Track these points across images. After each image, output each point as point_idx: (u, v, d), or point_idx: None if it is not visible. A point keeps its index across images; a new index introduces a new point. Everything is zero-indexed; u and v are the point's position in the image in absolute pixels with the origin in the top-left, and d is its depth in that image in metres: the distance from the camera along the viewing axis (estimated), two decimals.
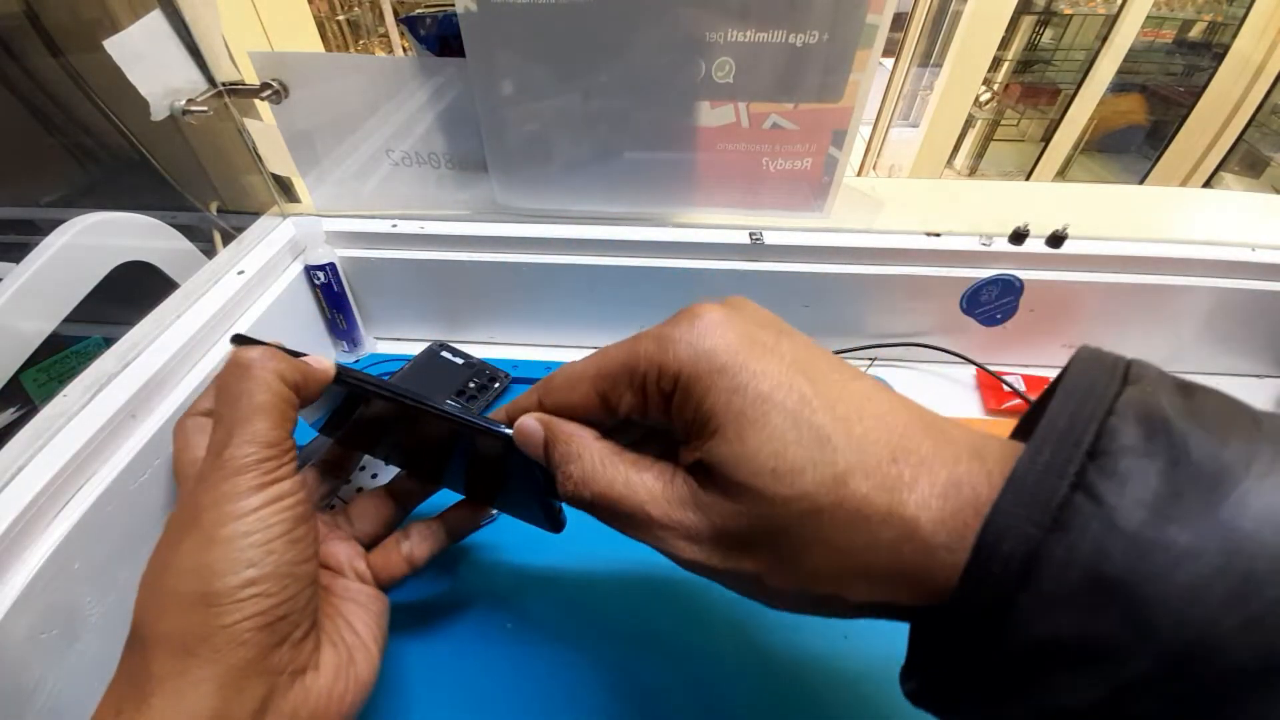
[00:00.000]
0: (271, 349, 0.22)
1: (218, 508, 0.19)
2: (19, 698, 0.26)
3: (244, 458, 0.20)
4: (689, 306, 0.19)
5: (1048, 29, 2.64)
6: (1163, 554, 0.12)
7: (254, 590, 0.18)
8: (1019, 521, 0.13)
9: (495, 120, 0.44)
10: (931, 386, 0.50)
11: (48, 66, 0.56)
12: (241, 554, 0.18)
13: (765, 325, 0.19)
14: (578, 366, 0.21)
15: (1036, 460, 0.14)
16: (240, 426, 0.20)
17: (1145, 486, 0.12)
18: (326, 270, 0.47)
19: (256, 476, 0.20)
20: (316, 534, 0.22)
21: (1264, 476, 0.12)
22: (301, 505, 0.21)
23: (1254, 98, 2.07)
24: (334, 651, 0.22)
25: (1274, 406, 0.48)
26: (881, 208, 0.52)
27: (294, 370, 0.22)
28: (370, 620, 0.25)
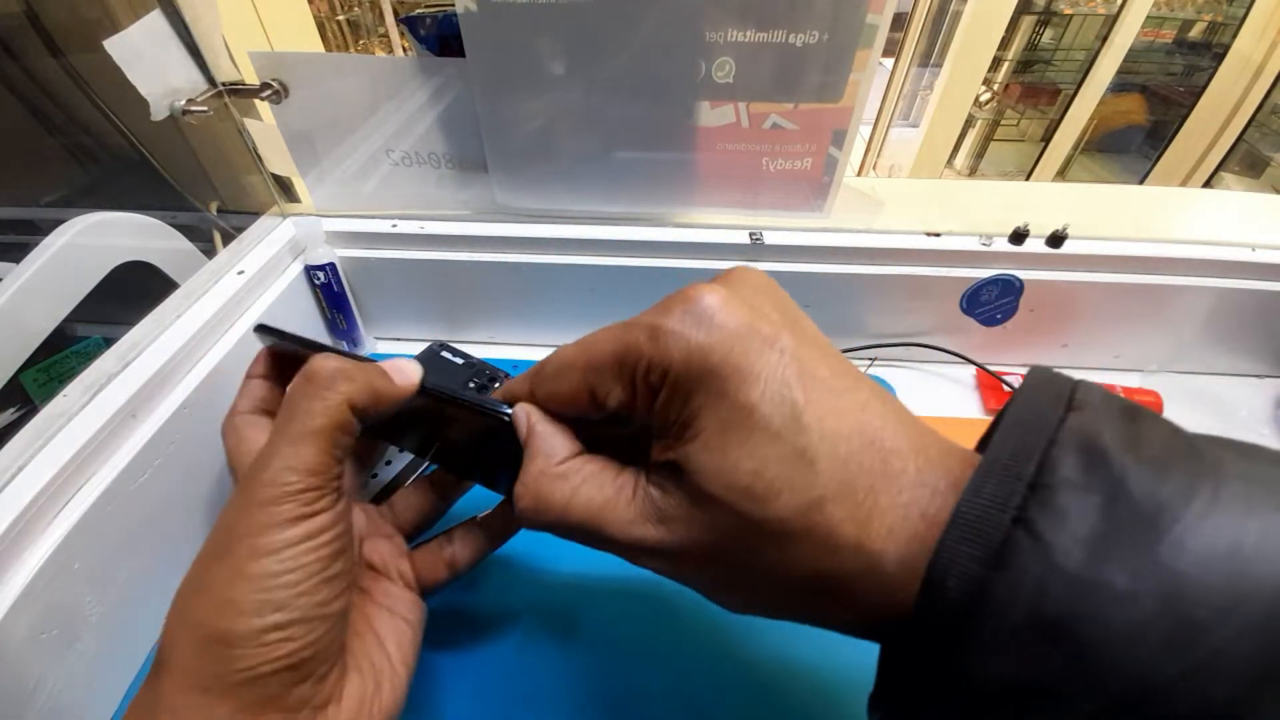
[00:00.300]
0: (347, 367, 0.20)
1: (250, 539, 0.18)
2: (19, 698, 0.26)
3: (284, 485, 0.18)
4: (684, 289, 0.17)
5: (1048, 29, 2.64)
6: (1101, 595, 0.12)
7: (279, 635, 0.17)
8: (963, 559, 0.13)
9: (495, 120, 0.44)
10: (931, 386, 0.50)
11: (48, 66, 0.56)
12: (269, 595, 0.17)
13: (765, 312, 0.17)
14: (569, 353, 0.20)
15: (980, 493, 0.13)
16: (287, 448, 0.18)
17: (1084, 523, 0.12)
18: (326, 270, 0.47)
19: (295, 508, 0.18)
20: (353, 565, 0.20)
21: (1203, 516, 0.12)
22: (340, 539, 0.19)
23: (1254, 98, 2.07)
24: (359, 680, 0.20)
25: (1274, 407, 0.48)
26: (881, 208, 0.52)
27: (367, 393, 0.20)
28: (404, 637, 0.23)
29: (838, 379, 0.16)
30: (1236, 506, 0.12)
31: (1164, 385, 0.47)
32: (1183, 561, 0.11)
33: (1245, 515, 0.12)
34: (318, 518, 0.18)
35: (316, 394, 0.19)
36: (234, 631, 0.17)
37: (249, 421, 0.25)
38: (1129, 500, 0.12)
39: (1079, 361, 0.51)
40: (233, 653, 0.17)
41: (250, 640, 0.17)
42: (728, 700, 0.30)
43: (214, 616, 0.17)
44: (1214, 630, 0.11)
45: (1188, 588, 0.11)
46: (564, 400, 0.20)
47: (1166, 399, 0.45)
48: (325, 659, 0.19)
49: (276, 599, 0.17)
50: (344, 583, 0.19)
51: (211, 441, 0.38)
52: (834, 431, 0.15)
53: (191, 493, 0.36)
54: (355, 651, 0.21)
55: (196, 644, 0.17)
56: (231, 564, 0.17)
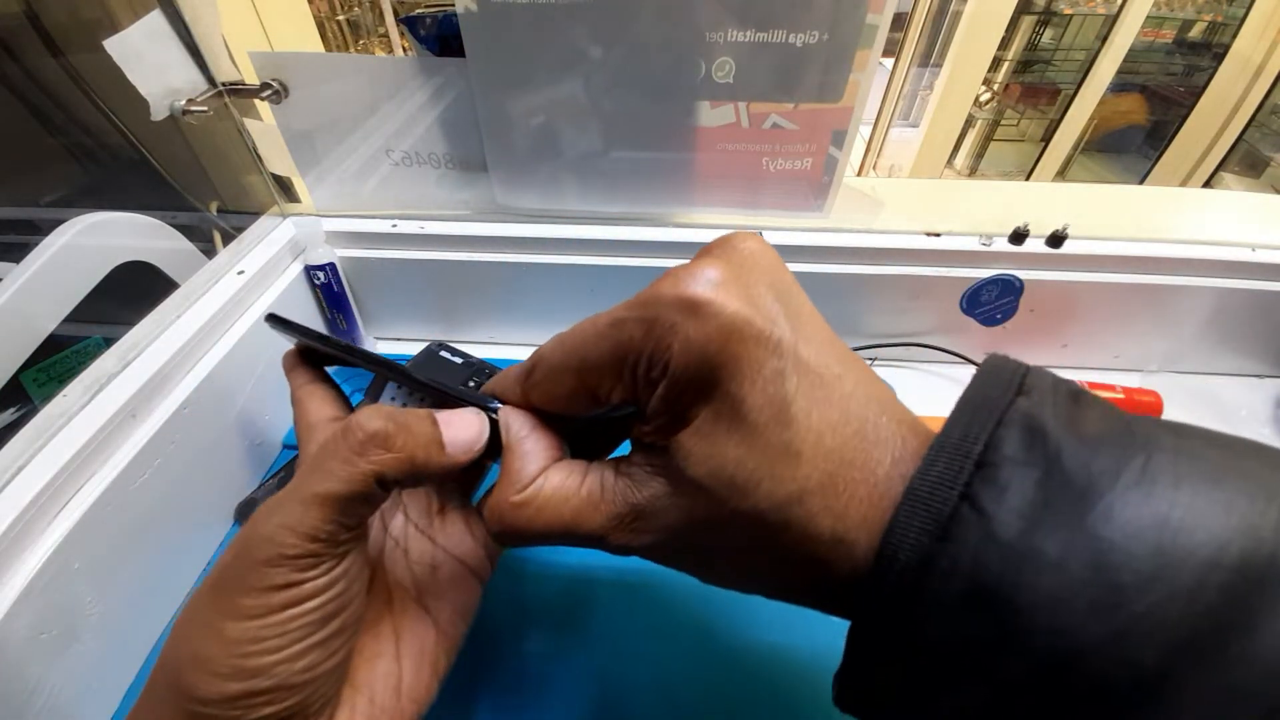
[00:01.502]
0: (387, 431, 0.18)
1: (234, 596, 0.16)
2: (19, 698, 0.26)
3: (279, 547, 0.16)
4: (679, 269, 0.16)
5: (1048, 29, 2.64)
6: (1033, 562, 0.12)
7: (254, 700, 0.16)
8: (914, 532, 0.13)
9: (495, 120, 0.44)
10: (931, 386, 0.50)
11: (48, 66, 0.56)
12: (244, 661, 0.16)
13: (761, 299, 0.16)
14: (558, 355, 0.18)
15: (929, 472, 0.14)
16: (294, 507, 0.17)
17: (1022, 496, 0.13)
18: (326, 270, 0.47)
19: (287, 573, 0.16)
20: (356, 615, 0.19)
21: (1131, 487, 0.12)
22: (339, 599, 0.17)
23: (1254, 98, 2.07)
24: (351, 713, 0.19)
25: (1274, 407, 0.48)
26: (881, 208, 0.52)
27: (404, 467, 0.18)
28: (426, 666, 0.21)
29: (829, 368, 0.16)
30: (1165, 479, 0.12)
31: (1164, 385, 0.47)
32: (1110, 530, 0.12)
33: (1173, 487, 0.12)
34: (310, 583, 0.17)
35: (346, 456, 0.17)
36: (201, 692, 0.16)
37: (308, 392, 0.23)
38: (1063, 474, 0.13)
39: (1079, 361, 0.51)
40: (203, 712, 0.16)
41: (222, 704, 0.16)
42: (718, 687, 0.30)
43: (187, 668, 0.16)
44: (1139, 596, 0.11)
45: (1114, 555, 0.12)
46: (562, 403, 0.19)
47: (1166, 399, 0.45)
48: (309, 708, 0.17)
49: (252, 665, 0.16)
50: (341, 639, 0.18)
51: (211, 441, 0.38)
52: (820, 425, 0.15)
53: (191, 493, 0.36)
54: (361, 681, 0.20)
55: (170, 687, 0.16)
56: (211, 617, 0.16)
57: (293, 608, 0.16)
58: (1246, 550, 0.11)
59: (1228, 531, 0.11)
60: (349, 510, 0.17)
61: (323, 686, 0.17)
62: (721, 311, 0.15)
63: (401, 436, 0.18)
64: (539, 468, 0.19)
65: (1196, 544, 0.11)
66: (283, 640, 0.16)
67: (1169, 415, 0.45)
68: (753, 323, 0.15)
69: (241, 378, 0.41)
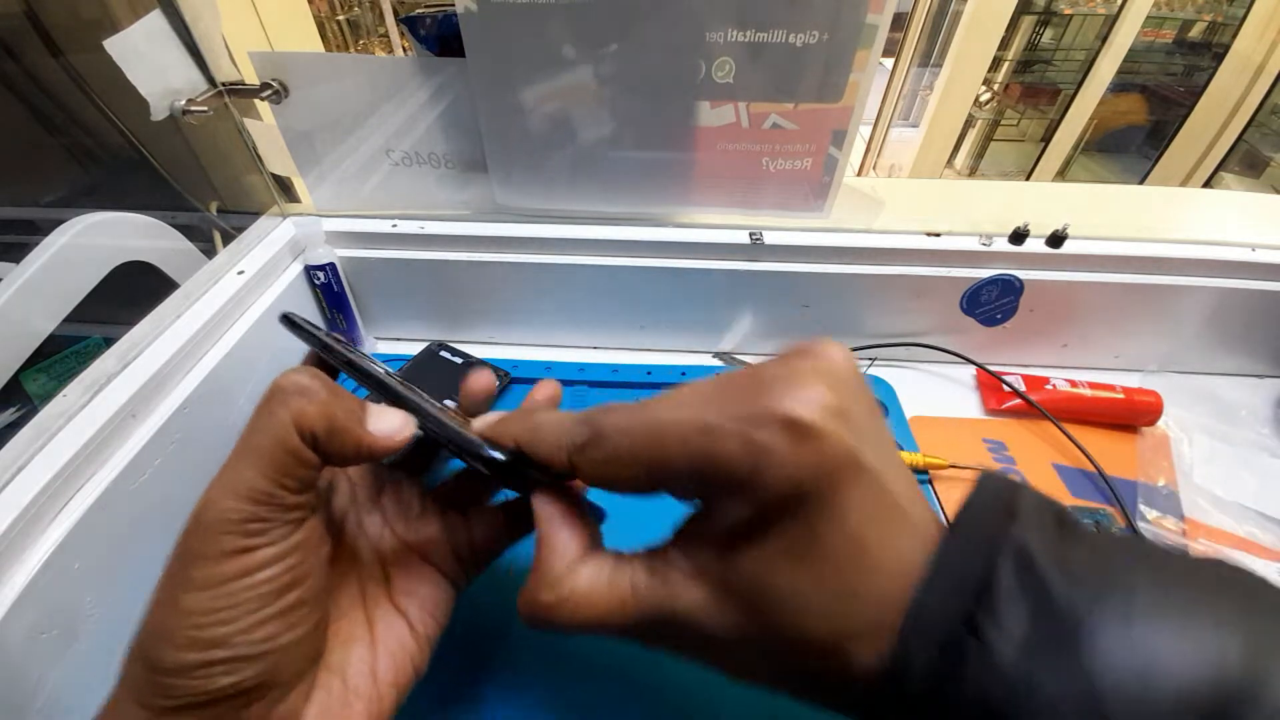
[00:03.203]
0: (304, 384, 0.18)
1: (187, 568, 0.16)
2: (19, 698, 0.26)
3: (223, 510, 0.16)
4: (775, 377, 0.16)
5: (1048, 29, 2.64)
6: (1030, 694, 0.13)
7: (214, 669, 0.16)
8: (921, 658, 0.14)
9: (495, 120, 0.44)
10: (931, 386, 0.50)
11: (48, 66, 0.56)
12: (200, 633, 0.16)
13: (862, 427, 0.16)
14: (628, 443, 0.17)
15: (930, 598, 0.14)
16: (230, 468, 0.17)
17: (1018, 626, 0.13)
18: (326, 270, 0.47)
19: (235, 539, 0.16)
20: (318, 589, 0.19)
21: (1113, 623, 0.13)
22: (294, 571, 0.17)
23: (1254, 98, 2.07)
24: (326, 700, 0.19)
25: (1274, 407, 0.48)
26: (881, 208, 0.52)
27: (322, 421, 0.17)
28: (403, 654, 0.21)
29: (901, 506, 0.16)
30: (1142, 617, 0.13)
31: (1164, 385, 0.47)
32: (1097, 666, 0.13)
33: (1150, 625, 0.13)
34: (260, 551, 0.17)
35: (268, 409, 0.17)
36: (164, 663, 0.16)
37: None
38: (1052, 607, 0.13)
39: (1079, 361, 0.51)
40: (165, 681, 0.16)
41: (180, 674, 0.16)
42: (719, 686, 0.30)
43: (150, 642, 0.16)
44: None
45: (1103, 690, 0.12)
46: (614, 486, 0.18)
47: (1166, 399, 0.45)
48: (277, 683, 0.17)
49: (208, 636, 0.16)
50: (301, 613, 0.18)
51: (211, 441, 0.38)
52: (879, 563, 0.15)
53: (191, 493, 0.36)
54: (336, 665, 0.20)
55: (138, 664, 0.16)
56: (169, 591, 0.16)
57: (245, 578, 0.16)
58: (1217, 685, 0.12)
59: (1200, 668, 0.12)
60: (283, 466, 0.17)
61: (286, 660, 0.17)
62: (828, 443, 0.15)
63: (324, 394, 0.18)
64: (569, 562, 0.19)
65: (1173, 681, 0.12)
66: (236, 611, 0.16)
67: (1169, 415, 0.45)
68: (856, 459, 0.15)
69: (241, 378, 0.41)
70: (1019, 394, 0.46)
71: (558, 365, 0.50)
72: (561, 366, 0.50)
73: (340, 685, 0.19)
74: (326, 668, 0.19)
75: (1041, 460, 0.44)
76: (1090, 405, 0.46)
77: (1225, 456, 0.44)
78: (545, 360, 0.51)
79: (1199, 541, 0.38)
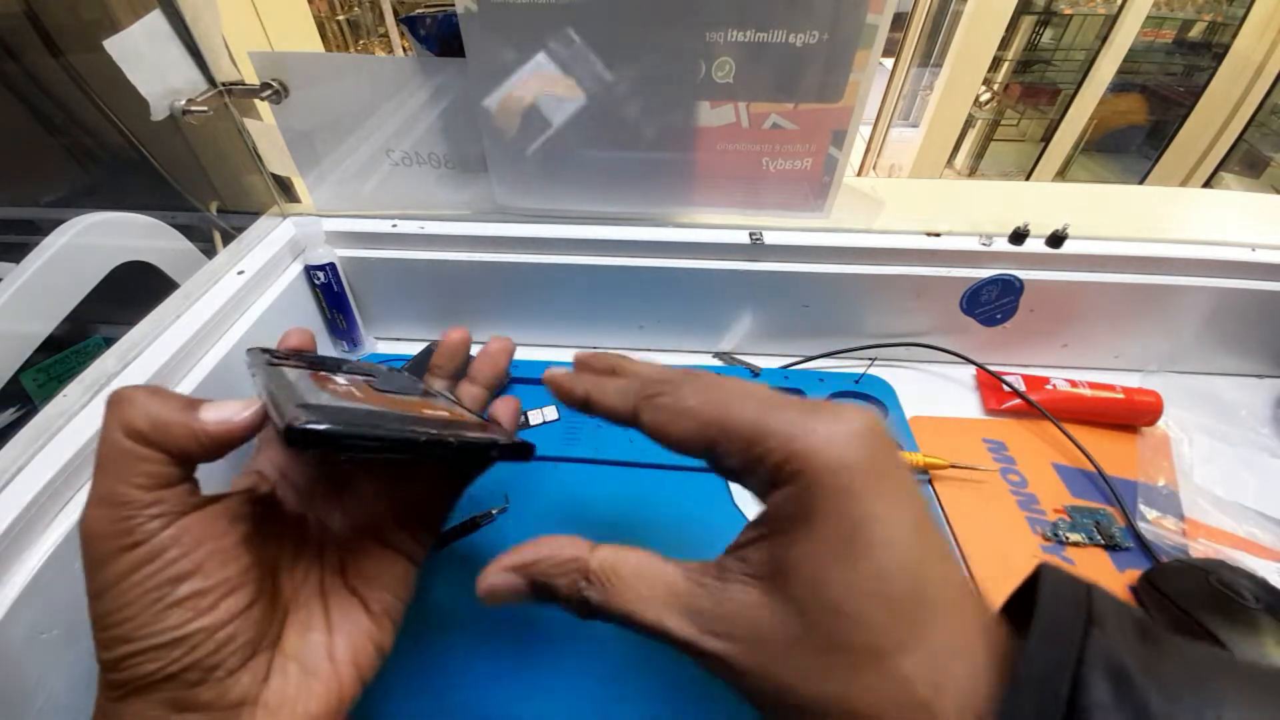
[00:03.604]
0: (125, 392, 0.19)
1: (89, 580, 0.18)
2: (19, 698, 0.26)
3: (91, 523, 0.18)
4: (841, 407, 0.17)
5: (1048, 29, 2.64)
6: None
7: (138, 659, 0.17)
8: None
9: (495, 120, 0.44)
10: (931, 386, 0.50)
11: (48, 66, 0.56)
12: (110, 632, 0.17)
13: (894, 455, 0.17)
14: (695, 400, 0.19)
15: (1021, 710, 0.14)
16: (91, 484, 0.18)
17: None
18: (326, 270, 0.47)
19: (107, 543, 0.17)
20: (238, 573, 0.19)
21: None
22: (177, 563, 0.18)
23: (1254, 98, 2.07)
24: (282, 683, 0.20)
25: (1274, 407, 0.48)
26: (881, 208, 0.52)
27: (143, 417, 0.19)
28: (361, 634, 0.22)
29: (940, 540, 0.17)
30: None
31: (1164, 385, 0.47)
32: None
33: None
34: (134, 552, 0.18)
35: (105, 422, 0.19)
36: (100, 659, 0.18)
37: None
38: None
39: (1079, 361, 0.51)
40: (106, 676, 0.18)
41: (111, 668, 0.18)
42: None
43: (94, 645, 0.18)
44: None
45: None
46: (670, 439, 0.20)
47: (1166, 399, 0.45)
48: (219, 663, 0.18)
49: (114, 634, 0.17)
50: (207, 599, 0.18)
51: None
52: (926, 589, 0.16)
53: None
54: (291, 649, 0.21)
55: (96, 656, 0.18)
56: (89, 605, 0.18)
57: (130, 576, 0.17)
58: None
59: None
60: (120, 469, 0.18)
61: (216, 644, 0.18)
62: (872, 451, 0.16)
63: (142, 396, 0.19)
64: None
65: None
66: (133, 608, 0.17)
67: (1169, 415, 0.45)
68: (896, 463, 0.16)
69: (242, 377, 0.41)
70: (1019, 394, 0.46)
71: (557, 365, 0.50)
72: (561, 366, 0.50)
73: (296, 668, 0.20)
74: (282, 653, 0.20)
75: (1041, 460, 0.44)
76: (1090, 405, 0.46)
77: (1225, 456, 0.44)
78: (545, 360, 0.51)
79: (1199, 542, 0.38)
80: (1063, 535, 0.38)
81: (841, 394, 0.48)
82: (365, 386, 0.25)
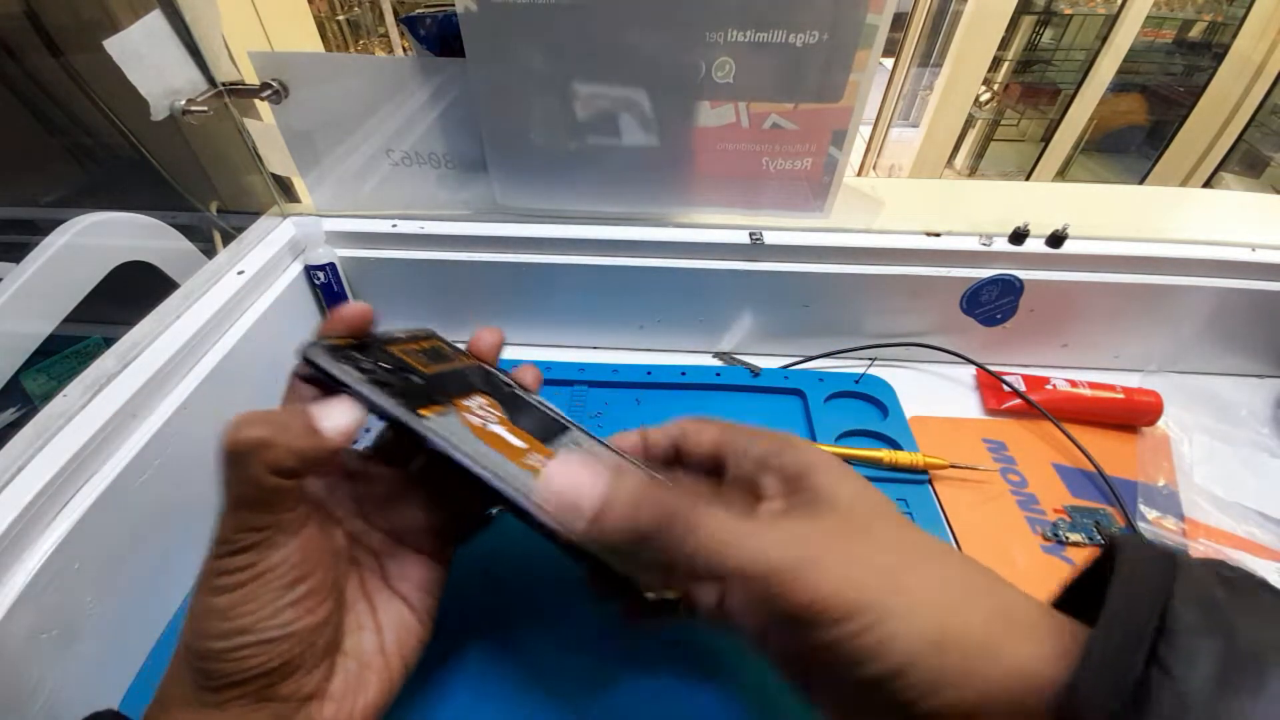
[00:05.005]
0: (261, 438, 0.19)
1: (213, 579, 0.20)
2: (19, 698, 0.26)
3: (232, 544, 0.20)
4: None
5: (1048, 29, 2.64)
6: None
7: (248, 651, 0.19)
8: (1099, 695, 0.14)
9: (495, 120, 0.44)
10: (931, 386, 0.50)
11: (48, 66, 0.56)
12: (232, 623, 0.19)
13: None
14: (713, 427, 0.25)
15: (1110, 640, 0.15)
16: (229, 515, 0.20)
17: (1209, 662, 0.14)
18: (326, 270, 0.47)
19: (247, 558, 0.20)
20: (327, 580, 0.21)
21: None
22: (299, 568, 0.20)
23: (1254, 98, 2.07)
24: (344, 677, 0.22)
25: (1274, 407, 0.48)
26: (881, 208, 0.52)
27: (293, 457, 0.20)
28: (405, 630, 0.24)
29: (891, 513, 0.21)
30: None
31: (1164, 385, 0.47)
32: None
33: None
34: (268, 559, 0.20)
35: (239, 467, 0.19)
36: (208, 649, 0.19)
37: None
38: (1241, 645, 0.14)
39: (1079, 361, 0.51)
40: (209, 665, 0.19)
41: (220, 657, 0.19)
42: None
43: (194, 638, 0.20)
44: None
45: None
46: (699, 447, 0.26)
47: (1166, 399, 0.45)
48: (302, 662, 0.20)
49: (239, 625, 0.19)
50: (315, 599, 0.21)
51: (212, 441, 0.38)
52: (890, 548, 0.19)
53: (192, 493, 0.36)
54: (348, 647, 0.23)
55: (188, 656, 0.20)
56: (203, 600, 0.20)
57: (256, 581, 0.20)
58: None
59: None
60: (270, 503, 0.20)
61: (305, 644, 0.20)
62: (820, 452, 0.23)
63: (279, 434, 0.19)
64: None
65: None
66: (255, 605, 0.19)
67: (1169, 415, 0.45)
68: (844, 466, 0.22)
69: (242, 377, 0.41)
70: (1019, 394, 0.46)
71: (557, 365, 0.50)
72: (561, 366, 0.50)
73: (355, 664, 0.22)
74: (342, 653, 0.22)
75: (1041, 460, 0.44)
76: (1090, 405, 0.46)
77: (1225, 456, 0.44)
78: (545, 360, 0.51)
79: (1199, 542, 0.38)
80: (1063, 535, 0.38)
81: (841, 394, 0.48)
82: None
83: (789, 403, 0.48)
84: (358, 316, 0.24)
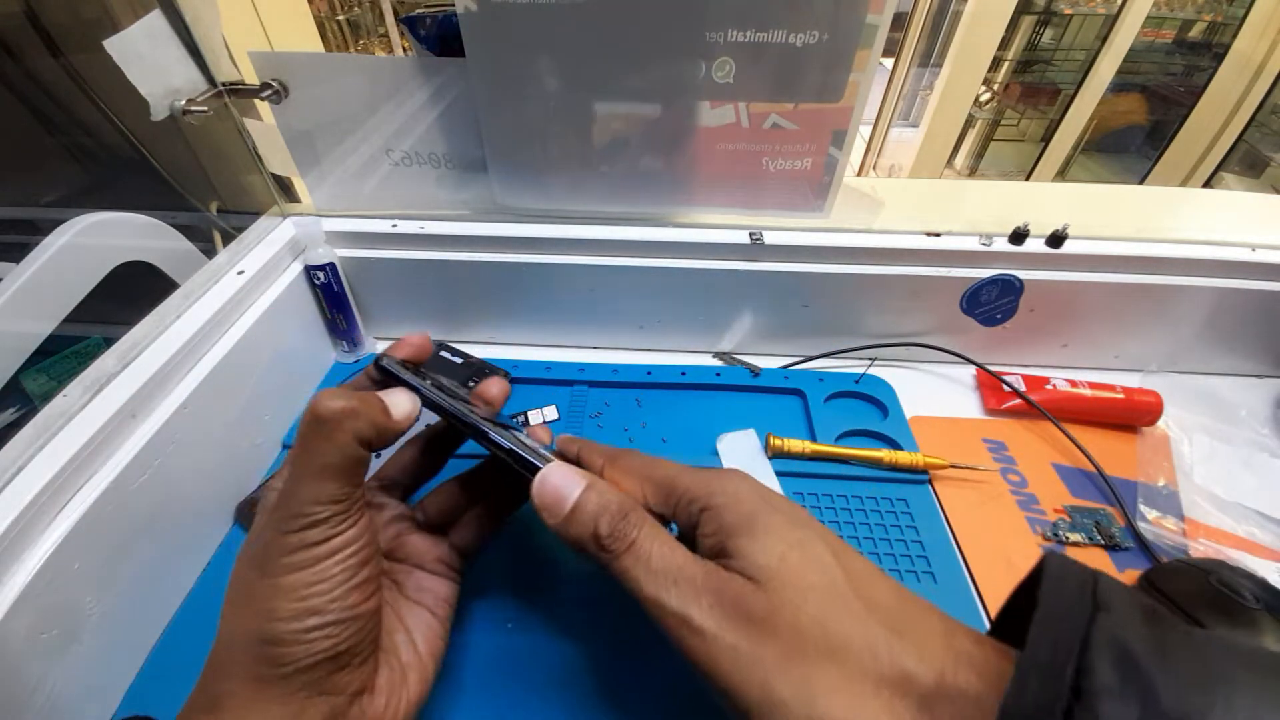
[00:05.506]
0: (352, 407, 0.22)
1: (284, 557, 0.20)
2: (19, 698, 0.26)
3: (310, 516, 0.20)
4: None
5: (1048, 29, 2.64)
6: None
7: (318, 634, 0.20)
8: None
9: (495, 120, 0.44)
10: (931, 386, 0.50)
11: (48, 66, 0.56)
12: (304, 603, 0.20)
13: None
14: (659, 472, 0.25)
15: (1024, 696, 0.14)
16: (309, 484, 0.21)
17: None
18: (326, 270, 0.47)
19: (323, 531, 0.21)
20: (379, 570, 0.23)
21: None
22: (365, 549, 0.22)
23: (1254, 98, 2.07)
24: (389, 672, 0.23)
25: (1274, 407, 0.48)
26: (881, 208, 0.52)
27: (372, 429, 0.22)
28: (431, 631, 0.26)
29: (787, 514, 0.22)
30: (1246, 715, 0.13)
31: (1164, 385, 0.47)
32: None
33: None
34: (342, 535, 0.21)
35: (325, 435, 0.21)
36: (277, 634, 0.20)
37: None
38: (1160, 711, 0.13)
39: (1079, 361, 0.51)
40: (278, 650, 0.20)
41: (291, 640, 0.20)
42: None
43: (260, 622, 0.20)
44: None
45: None
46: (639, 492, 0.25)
47: (1166, 399, 0.45)
48: (360, 651, 0.21)
49: (311, 605, 0.20)
50: (373, 585, 0.22)
51: (211, 441, 0.38)
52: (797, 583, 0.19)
53: (191, 493, 0.36)
54: (387, 646, 0.24)
55: (249, 645, 0.20)
56: (271, 581, 0.20)
57: (332, 557, 0.21)
58: None
59: None
60: (351, 471, 0.22)
61: (365, 631, 0.21)
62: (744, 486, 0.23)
63: (363, 407, 0.22)
64: None
65: None
66: (330, 584, 0.20)
67: (1169, 415, 0.45)
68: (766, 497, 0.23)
69: (242, 377, 0.41)
70: (1019, 394, 0.46)
71: (557, 365, 0.50)
72: (561, 366, 0.50)
73: (396, 660, 0.24)
74: (383, 649, 0.24)
75: (1041, 460, 0.44)
76: (1090, 405, 0.46)
77: (1225, 456, 0.44)
78: (545, 360, 0.51)
79: (1199, 542, 0.38)
80: (1063, 535, 0.38)
81: (841, 394, 0.48)
82: None
83: (789, 403, 0.48)
84: (421, 343, 0.30)
